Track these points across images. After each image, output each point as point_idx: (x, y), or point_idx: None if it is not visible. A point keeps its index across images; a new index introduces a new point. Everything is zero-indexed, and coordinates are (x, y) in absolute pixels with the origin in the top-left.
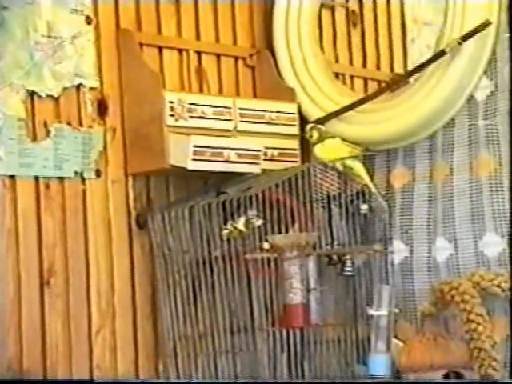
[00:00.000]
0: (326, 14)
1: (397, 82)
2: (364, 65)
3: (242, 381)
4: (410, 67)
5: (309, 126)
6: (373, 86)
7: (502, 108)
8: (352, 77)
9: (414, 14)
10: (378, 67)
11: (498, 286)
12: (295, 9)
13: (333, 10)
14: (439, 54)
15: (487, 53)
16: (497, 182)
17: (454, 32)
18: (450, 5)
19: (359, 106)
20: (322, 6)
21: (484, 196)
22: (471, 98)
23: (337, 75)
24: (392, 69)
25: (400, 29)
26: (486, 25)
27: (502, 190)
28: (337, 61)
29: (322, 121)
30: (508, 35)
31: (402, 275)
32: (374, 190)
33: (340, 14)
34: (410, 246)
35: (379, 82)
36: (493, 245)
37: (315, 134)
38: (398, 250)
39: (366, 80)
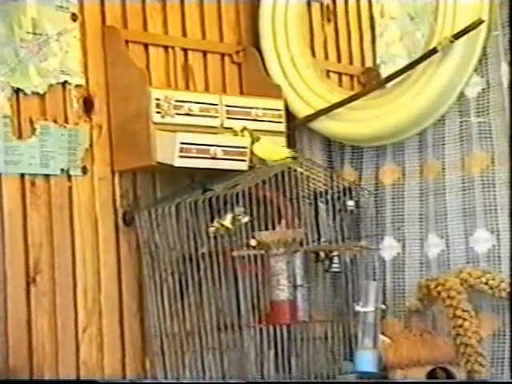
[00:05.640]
0: None
1: (387, 80)
2: (339, 59)
3: (232, 381)
4: (378, 62)
5: (239, 127)
6: (346, 81)
7: (495, 105)
8: (328, 71)
9: (380, 8)
10: (351, 62)
11: (486, 284)
12: (282, 5)
13: (309, 5)
14: (431, 52)
15: (478, 50)
16: (489, 179)
17: (445, 30)
18: (441, 3)
19: (349, 103)
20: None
21: (476, 192)
22: (462, 95)
23: None
24: (363, 63)
25: (369, 23)
26: (478, 23)
27: (494, 187)
28: (313, 56)
29: (311, 118)
30: (497, 32)
31: (395, 271)
32: None
33: (316, 10)
34: (402, 243)
35: (351, 76)
36: (483, 241)
37: (247, 135)
38: (390, 247)
39: (340, 75)
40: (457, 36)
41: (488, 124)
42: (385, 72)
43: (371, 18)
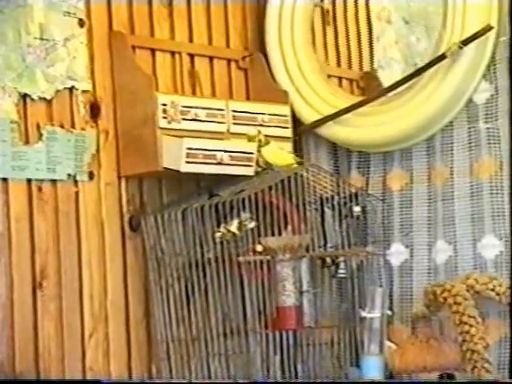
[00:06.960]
0: None
1: (395, 86)
2: (338, 64)
3: (241, 381)
4: (376, 66)
5: (254, 131)
6: (346, 85)
7: (503, 111)
8: (329, 76)
9: (377, 12)
10: (350, 66)
11: (493, 290)
12: (288, 11)
13: None
14: (439, 58)
15: (487, 56)
16: (497, 185)
17: (453, 36)
18: (450, 9)
19: (357, 109)
20: None
21: (484, 198)
22: (470, 101)
23: None
24: (361, 67)
25: (366, 27)
26: (487, 29)
27: (502, 192)
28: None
29: (318, 123)
30: (505, 38)
31: (402, 277)
32: None
33: (316, 14)
34: (409, 249)
35: (351, 80)
36: (491, 247)
37: (262, 138)
38: (398, 253)
39: (340, 79)
40: (466, 42)
41: (496, 130)
42: (382, 76)
43: (369, 21)
